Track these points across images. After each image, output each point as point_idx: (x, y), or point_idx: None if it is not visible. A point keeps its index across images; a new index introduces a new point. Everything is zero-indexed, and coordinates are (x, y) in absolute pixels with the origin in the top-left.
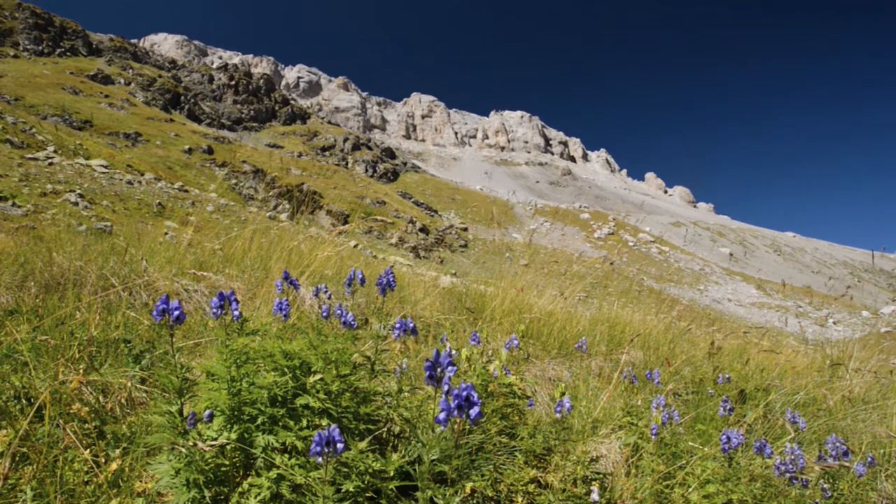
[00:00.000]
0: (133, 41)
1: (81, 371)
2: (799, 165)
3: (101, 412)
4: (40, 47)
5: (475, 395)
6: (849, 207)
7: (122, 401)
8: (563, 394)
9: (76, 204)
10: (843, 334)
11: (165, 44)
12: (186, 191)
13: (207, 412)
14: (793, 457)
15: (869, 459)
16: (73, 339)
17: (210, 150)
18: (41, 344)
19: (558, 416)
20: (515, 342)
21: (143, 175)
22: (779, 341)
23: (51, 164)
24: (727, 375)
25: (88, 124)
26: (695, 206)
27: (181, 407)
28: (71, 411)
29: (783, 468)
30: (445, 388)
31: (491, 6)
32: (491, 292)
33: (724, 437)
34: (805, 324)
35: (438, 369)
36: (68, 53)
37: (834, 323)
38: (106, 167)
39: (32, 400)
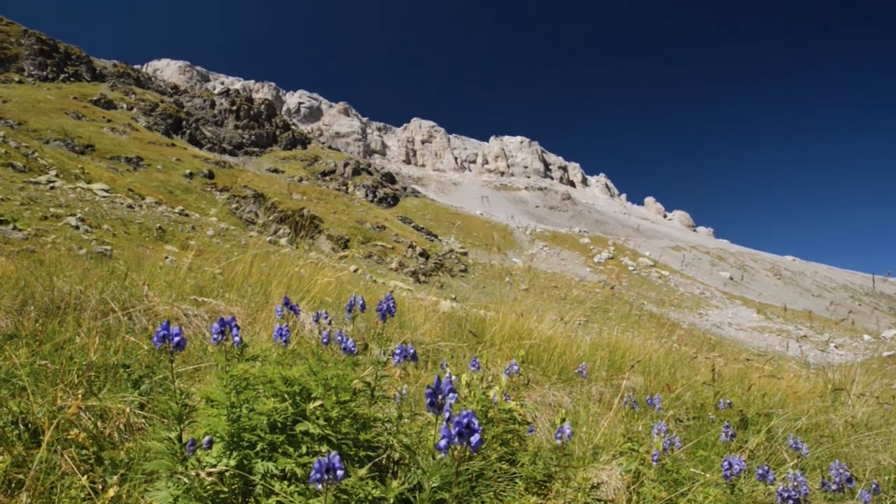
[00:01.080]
0: (136, 67)
1: (80, 396)
2: (799, 189)
3: (100, 438)
4: (45, 73)
5: (476, 422)
6: (848, 231)
7: (121, 426)
8: (563, 420)
9: (77, 228)
10: (845, 358)
11: (168, 69)
12: (187, 215)
13: (207, 438)
14: (796, 483)
15: (874, 486)
16: (72, 364)
17: (211, 175)
18: (40, 369)
19: (559, 442)
20: (515, 368)
21: (143, 199)
22: (780, 366)
23: (52, 187)
24: (728, 401)
25: (90, 149)
26: (694, 231)
27: (180, 433)
28: (69, 437)
29: (786, 495)
30: (446, 414)
31: (492, 33)
32: (491, 317)
33: (726, 463)
34: (806, 348)
35: (440, 396)
36: (72, 79)
37: (836, 347)
38: (107, 191)
39: (30, 425)
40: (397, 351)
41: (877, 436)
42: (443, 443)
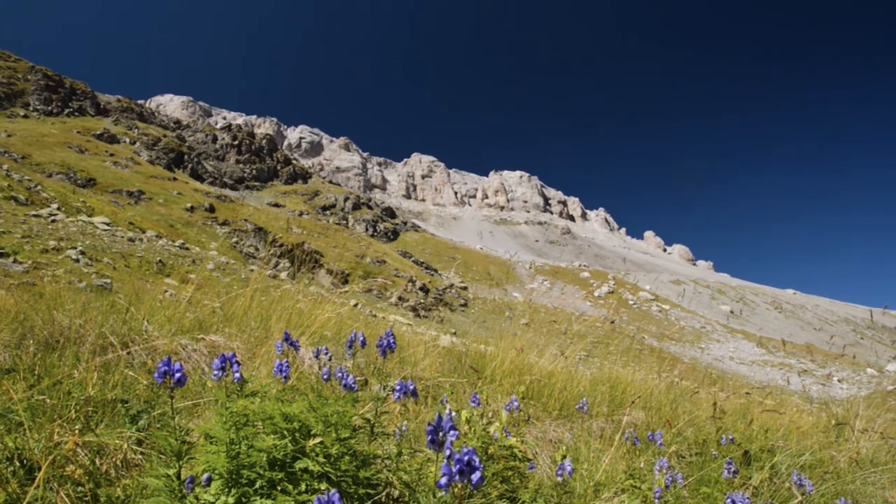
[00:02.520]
0: (140, 102)
1: (77, 432)
2: (798, 222)
3: (96, 474)
4: (49, 107)
5: (477, 459)
6: (849, 264)
7: (118, 462)
8: (564, 456)
9: (77, 261)
10: (849, 392)
11: (171, 104)
12: (187, 248)
13: (206, 475)
14: None
15: None
16: (70, 399)
17: (212, 209)
18: (37, 404)
19: (560, 479)
20: (516, 404)
21: (144, 232)
22: (783, 400)
23: (53, 220)
24: (731, 436)
25: (93, 182)
26: (694, 264)
27: (179, 470)
28: (65, 473)
29: None
30: (447, 452)
31: (492, 69)
32: (491, 352)
33: (728, 500)
34: (808, 382)
35: (440, 433)
36: (76, 113)
37: (839, 381)
38: (108, 224)
39: (26, 462)
40: (397, 387)
41: (883, 472)
42: (443, 480)
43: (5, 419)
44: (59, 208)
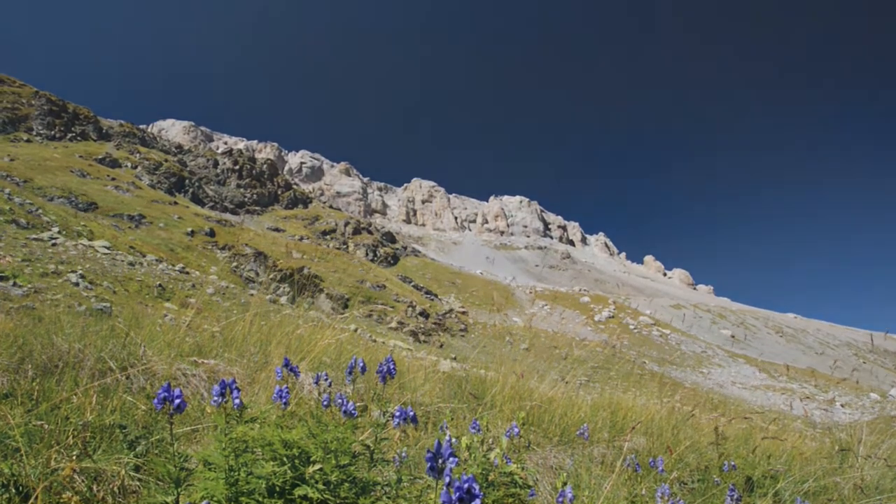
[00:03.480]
0: (142, 126)
1: (74, 458)
2: (799, 246)
3: (93, 501)
4: (53, 132)
5: (476, 487)
6: (849, 288)
7: (115, 489)
8: (565, 483)
9: (77, 284)
10: (852, 417)
11: (173, 129)
12: (187, 273)
13: (204, 503)
14: None
15: None
16: (67, 424)
17: (212, 233)
18: (35, 429)
19: None
20: (516, 430)
21: (144, 256)
22: (785, 425)
23: (54, 244)
24: (733, 462)
25: (94, 206)
26: (694, 289)
27: (177, 497)
28: (61, 500)
29: None
30: (447, 479)
31: (492, 94)
32: (491, 377)
33: None
34: (811, 407)
35: (440, 460)
36: (79, 138)
37: (842, 406)
38: (108, 248)
39: (22, 488)
40: (397, 413)
41: (888, 499)
42: None
43: (2, 444)
44: (59, 232)
